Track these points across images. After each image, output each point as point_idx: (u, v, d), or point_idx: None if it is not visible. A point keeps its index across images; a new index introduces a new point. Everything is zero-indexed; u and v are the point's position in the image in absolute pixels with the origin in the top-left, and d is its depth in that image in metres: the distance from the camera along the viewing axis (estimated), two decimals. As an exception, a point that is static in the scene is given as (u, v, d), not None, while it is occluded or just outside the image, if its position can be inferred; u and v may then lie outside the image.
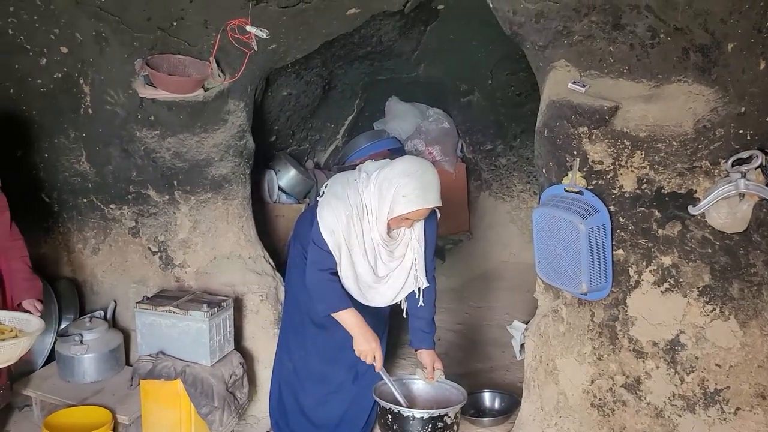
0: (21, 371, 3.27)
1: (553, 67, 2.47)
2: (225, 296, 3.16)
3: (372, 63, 4.69)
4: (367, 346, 2.52)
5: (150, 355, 2.97)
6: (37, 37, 3.20)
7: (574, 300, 2.52)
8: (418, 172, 2.43)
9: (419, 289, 2.69)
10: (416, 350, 2.79)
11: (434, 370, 2.72)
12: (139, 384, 2.94)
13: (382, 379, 2.60)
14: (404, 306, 2.79)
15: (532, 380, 2.71)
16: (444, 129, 5.27)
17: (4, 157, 3.44)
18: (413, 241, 2.62)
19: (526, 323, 3.65)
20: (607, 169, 2.32)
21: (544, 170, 2.52)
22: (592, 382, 2.50)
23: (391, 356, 3.79)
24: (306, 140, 4.94)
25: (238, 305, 3.30)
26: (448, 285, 4.95)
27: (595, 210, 2.29)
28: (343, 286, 2.58)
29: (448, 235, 5.34)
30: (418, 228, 2.62)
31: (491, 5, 2.58)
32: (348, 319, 2.53)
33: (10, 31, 3.17)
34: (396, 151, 4.90)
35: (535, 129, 2.53)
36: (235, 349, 3.14)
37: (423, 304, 2.72)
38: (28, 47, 3.23)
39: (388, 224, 2.51)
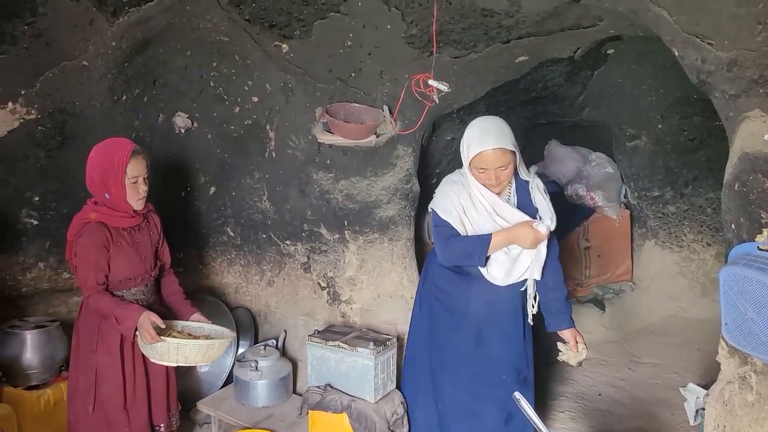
0: (202, 392, 3.58)
1: (746, 117, 2.32)
2: (388, 335, 3.26)
3: (534, 107, 4.68)
4: (531, 238, 2.53)
5: (318, 387, 3.12)
6: (233, 88, 3.57)
7: (765, 368, 2.30)
8: (479, 121, 2.61)
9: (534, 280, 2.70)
10: (555, 332, 2.80)
11: (577, 344, 2.74)
12: (308, 413, 3.10)
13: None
14: (532, 308, 2.78)
15: (714, 451, 2.50)
16: (607, 174, 5.10)
17: (200, 194, 3.84)
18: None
19: (702, 386, 3.37)
20: (810, 228, 2.12)
21: (733, 226, 2.35)
22: (788, 461, 2.25)
23: (543, 408, 3.68)
24: (464, 183, 5.01)
25: (399, 344, 3.37)
26: (609, 337, 4.73)
27: (796, 272, 2.10)
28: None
29: (609, 283, 5.11)
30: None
31: (676, 53, 2.49)
32: (497, 239, 2.57)
33: (211, 83, 3.57)
34: (554, 195, 4.80)
35: (710, 176, 2.38)
36: (396, 388, 3.21)
37: (552, 286, 2.75)
38: (225, 97, 3.61)
39: (484, 186, 2.60)
